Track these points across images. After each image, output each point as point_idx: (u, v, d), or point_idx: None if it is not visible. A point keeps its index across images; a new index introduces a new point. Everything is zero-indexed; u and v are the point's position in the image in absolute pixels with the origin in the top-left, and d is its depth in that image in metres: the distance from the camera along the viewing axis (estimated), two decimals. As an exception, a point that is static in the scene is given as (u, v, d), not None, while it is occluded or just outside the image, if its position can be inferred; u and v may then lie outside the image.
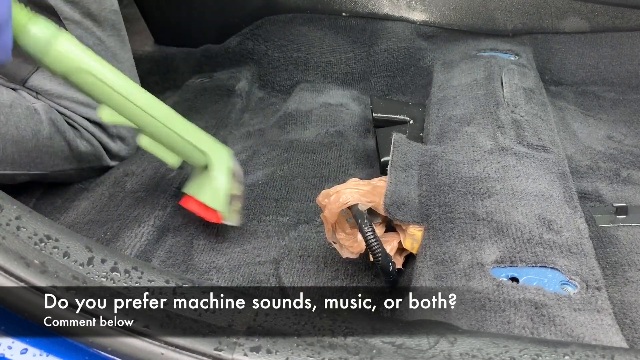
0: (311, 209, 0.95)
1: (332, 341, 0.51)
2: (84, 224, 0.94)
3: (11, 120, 0.95)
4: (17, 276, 0.52)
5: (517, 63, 1.17)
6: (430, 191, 0.81)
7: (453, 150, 0.88)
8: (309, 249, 0.87)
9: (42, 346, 0.54)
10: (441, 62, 1.26)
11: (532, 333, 0.58)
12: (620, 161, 1.00)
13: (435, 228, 0.75)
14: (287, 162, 1.05)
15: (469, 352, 0.49)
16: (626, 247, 0.80)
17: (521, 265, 0.67)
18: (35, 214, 0.59)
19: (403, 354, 0.49)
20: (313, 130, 1.14)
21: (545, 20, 1.34)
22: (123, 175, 1.06)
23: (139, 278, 0.56)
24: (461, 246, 0.71)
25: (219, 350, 0.50)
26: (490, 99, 1.01)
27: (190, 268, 0.84)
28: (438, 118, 1.01)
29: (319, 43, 1.41)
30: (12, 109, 0.95)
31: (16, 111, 0.96)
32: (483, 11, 1.37)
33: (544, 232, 0.71)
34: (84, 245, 0.57)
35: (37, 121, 0.97)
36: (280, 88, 1.37)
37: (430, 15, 1.41)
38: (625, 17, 1.30)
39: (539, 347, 0.50)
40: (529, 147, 0.88)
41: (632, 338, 0.66)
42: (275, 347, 0.50)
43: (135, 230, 0.89)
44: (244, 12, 1.47)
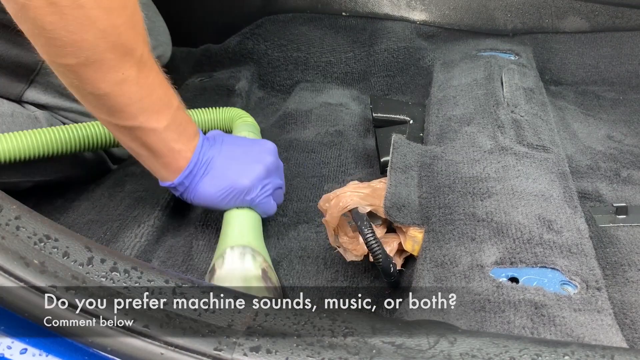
0: (311, 209, 0.95)
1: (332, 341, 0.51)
2: (83, 224, 0.94)
3: (13, 129, 0.94)
4: (17, 276, 0.52)
5: (517, 63, 1.17)
6: (430, 192, 0.81)
7: (453, 150, 0.88)
8: (309, 249, 0.87)
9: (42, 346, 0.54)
10: (441, 62, 1.26)
11: (532, 333, 0.58)
12: (621, 161, 1.00)
13: (435, 230, 0.75)
14: (286, 161, 1.06)
15: (468, 352, 0.49)
16: (626, 247, 0.80)
17: (521, 265, 0.67)
18: (35, 213, 0.59)
19: (403, 354, 0.49)
20: (313, 130, 1.14)
21: (545, 20, 1.34)
22: (123, 176, 1.06)
23: (138, 278, 0.56)
24: (461, 248, 0.71)
25: (219, 350, 0.50)
26: (490, 99, 1.01)
27: (190, 268, 0.84)
28: (438, 118, 1.01)
29: (319, 43, 1.41)
30: (13, 118, 0.95)
31: (18, 120, 0.96)
32: (483, 11, 1.37)
33: (544, 232, 0.71)
34: (83, 245, 0.57)
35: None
36: (280, 88, 1.37)
37: (430, 15, 1.41)
38: (625, 17, 1.30)
39: (538, 347, 0.50)
40: (529, 147, 0.88)
41: (632, 338, 0.66)
42: (275, 347, 0.50)
43: (135, 231, 0.89)
44: (244, 12, 1.47)
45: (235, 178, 0.79)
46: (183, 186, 0.78)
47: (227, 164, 0.79)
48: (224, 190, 0.79)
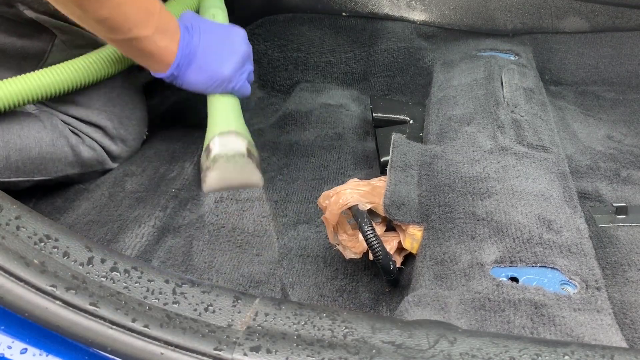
0: (310, 209, 0.95)
1: (332, 341, 0.51)
2: (84, 224, 0.94)
3: (13, 128, 0.95)
4: (17, 276, 0.52)
5: (517, 63, 1.17)
6: (430, 191, 0.81)
7: (453, 150, 0.88)
8: (309, 249, 0.87)
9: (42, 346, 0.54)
10: (441, 62, 1.26)
11: (532, 333, 0.58)
12: (620, 161, 1.00)
13: (435, 228, 0.75)
14: (286, 166, 1.06)
15: (468, 352, 0.49)
16: (626, 247, 0.80)
17: (521, 265, 0.67)
18: (35, 213, 0.59)
19: (403, 353, 0.49)
20: (313, 132, 1.14)
21: (545, 20, 1.34)
22: (123, 176, 1.06)
23: (138, 278, 0.56)
24: (461, 246, 0.71)
25: (219, 350, 0.50)
26: (490, 99, 1.01)
27: (190, 268, 0.84)
28: (438, 118, 1.01)
29: (318, 43, 1.41)
30: (13, 117, 0.95)
31: (18, 119, 0.96)
32: (483, 11, 1.37)
33: (543, 232, 0.71)
34: (83, 245, 0.57)
35: (39, 128, 0.97)
36: (280, 88, 1.37)
37: (430, 15, 1.41)
38: (625, 17, 1.30)
39: (538, 347, 0.50)
40: (529, 147, 0.88)
41: (631, 338, 0.66)
42: (275, 347, 0.50)
43: (135, 231, 0.89)
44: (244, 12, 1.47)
45: (217, 69, 0.94)
46: (173, 76, 0.92)
47: (207, 56, 0.93)
48: (208, 80, 0.94)
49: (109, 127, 1.05)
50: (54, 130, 0.99)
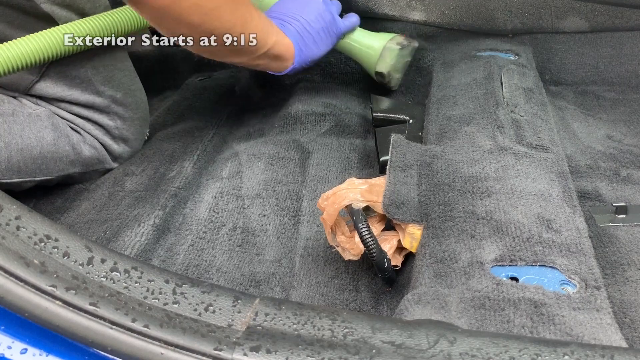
0: (310, 209, 0.95)
1: (332, 341, 0.51)
2: (83, 223, 0.94)
3: (14, 129, 0.95)
4: (17, 276, 0.52)
5: (517, 63, 1.17)
6: (429, 190, 0.81)
7: (452, 149, 0.88)
8: (309, 248, 0.87)
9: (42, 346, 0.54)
10: (441, 62, 1.26)
11: (532, 332, 0.58)
12: (620, 161, 1.00)
13: (434, 226, 0.75)
14: (286, 163, 1.06)
15: (468, 352, 0.49)
16: (626, 247, 0.80)
17: (521, 264, 0.67)
18: (35, 213, 0.59)
19: (402, 353, 0.49)
20: (313, 131, 1.14)
21: (545, 20, 1.34)
22: (123, 175, 1.06)
23: (138, 278, 0.56)
24: (460, 244, 0.71)
25: (219, 350, 0.50)
26: (490, 99, 1.01)
27: (190, 267, 0.84)
28: (437, 117, 1.01)
29: (318, 43, 1.40)
30: (14, 117, 0.95)
31: (19, 119, 0.96)
32: (483, 11, 1.37)
33: (543, 231, 0.71)
34: (83, 245, 0.57)
35: (40, 128, 0.97)
36: (280, 87, 1.37)
37: (430, 15, 1.40)
38: (625, 17, 1.30)
39: (538, 347, 0.50)
40: (529, 147, 0.88)
41: (631, 337, 0.66)
42: (275, 347, 0.50)
43: (135, 230, 0.89)
44: (244, 12, 1.46)
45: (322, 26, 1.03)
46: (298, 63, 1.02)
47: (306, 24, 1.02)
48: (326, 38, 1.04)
49: (111, 126, 1.05)
50: (55, 129, 0.99)
